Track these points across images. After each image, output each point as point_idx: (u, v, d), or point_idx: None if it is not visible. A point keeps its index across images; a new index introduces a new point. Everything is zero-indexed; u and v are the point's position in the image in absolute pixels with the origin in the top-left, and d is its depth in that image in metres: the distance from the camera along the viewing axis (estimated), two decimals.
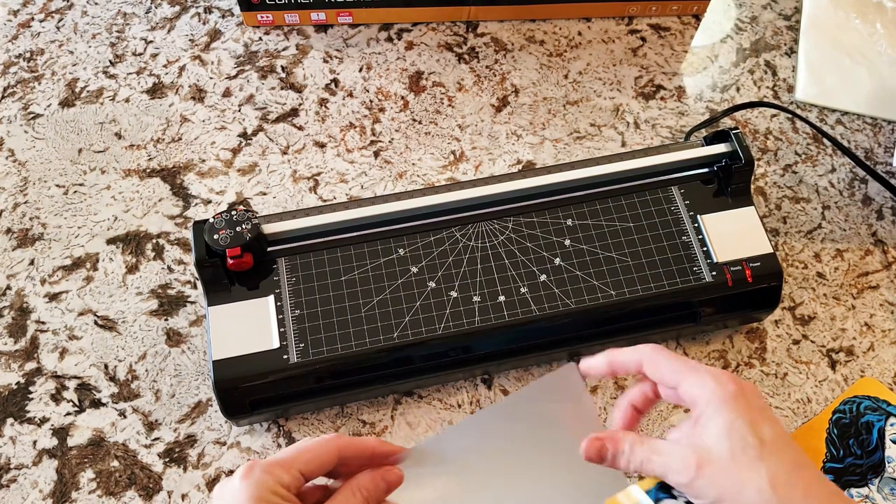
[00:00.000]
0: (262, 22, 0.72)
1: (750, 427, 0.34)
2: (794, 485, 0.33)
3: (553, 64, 0.71)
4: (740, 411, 0.35)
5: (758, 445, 0.34)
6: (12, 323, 0.58)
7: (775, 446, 0.34)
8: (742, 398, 0.35)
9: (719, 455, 0.34)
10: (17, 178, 0.64)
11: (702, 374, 0.36)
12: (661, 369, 0.38)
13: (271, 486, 0.34)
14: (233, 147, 0.66)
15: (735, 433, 0.34)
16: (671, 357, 0.38)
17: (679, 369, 0.37)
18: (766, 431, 0.35)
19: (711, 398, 0.35)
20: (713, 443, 0.34)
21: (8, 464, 0.53)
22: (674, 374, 0.37)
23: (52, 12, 0.73)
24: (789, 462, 0.34)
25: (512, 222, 0.56)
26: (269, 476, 0.34)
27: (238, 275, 0.53)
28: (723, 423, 0.34)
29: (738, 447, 0.34)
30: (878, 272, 0.62)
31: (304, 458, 0.36)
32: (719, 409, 0.35)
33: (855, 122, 0.69)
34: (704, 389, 0.36)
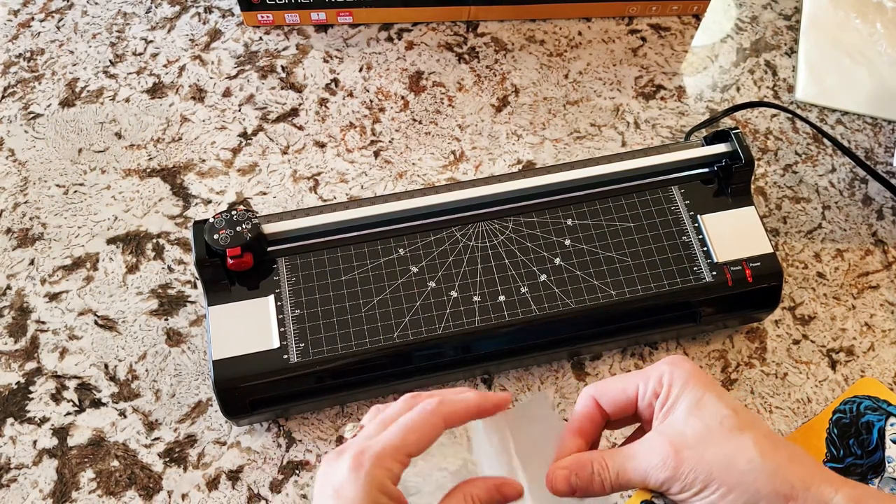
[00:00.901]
0: (263, 22, 0.72)
1: (719, 400, 0.33)
2: (778, 450, 0.32)
3: (553, 64, 0.71)
4: (704, 386, 0.34)
5: (732, 415, 0.33)
6: (12, 323, 0.58)
7: (746, 415, 0.33)
8: (700, 373, 0.34)
9: (695, 435, 0.32)
10: (17, 178, 0.64)
11: (650, 368, 0.35)
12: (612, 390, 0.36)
13: (383, 483, 0.31)
14: (233, 147, 0.66)
15: (706, 409, 0.33)
16: (614, 378, 0.37)
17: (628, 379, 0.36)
18: (732, 402, 0.33)
19: (672, 380, 0.34)
20: (686, 426, 0.33)
21: (8, 464, 0.53)
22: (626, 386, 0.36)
23: (53, 12, 0.73)
24: (764, 428, 0.33)
25: (512, 222, 0.56)
26: (383, 471, 0.31)
27: (238, 275, 0.53)
28: (690, 402, 0.33)
29: (713, 421, 0.32)
30: (879, 272, 0.62)
31: (413, 439, 0.33)
32: (682, 390, 0.34)
33: (855, 121, 0.69)
34: (662, 375, 0.34)
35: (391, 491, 0.32)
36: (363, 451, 0.32)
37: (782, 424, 0.55)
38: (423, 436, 0.33)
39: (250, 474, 0.53)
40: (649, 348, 0.58)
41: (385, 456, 0.32)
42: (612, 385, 0.37)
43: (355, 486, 0.31)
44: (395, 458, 0.32)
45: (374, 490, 0.31)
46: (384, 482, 0.31)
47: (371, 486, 0.31)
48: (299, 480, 0.53)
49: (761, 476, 0.31)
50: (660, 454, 0.33)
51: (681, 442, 0.32)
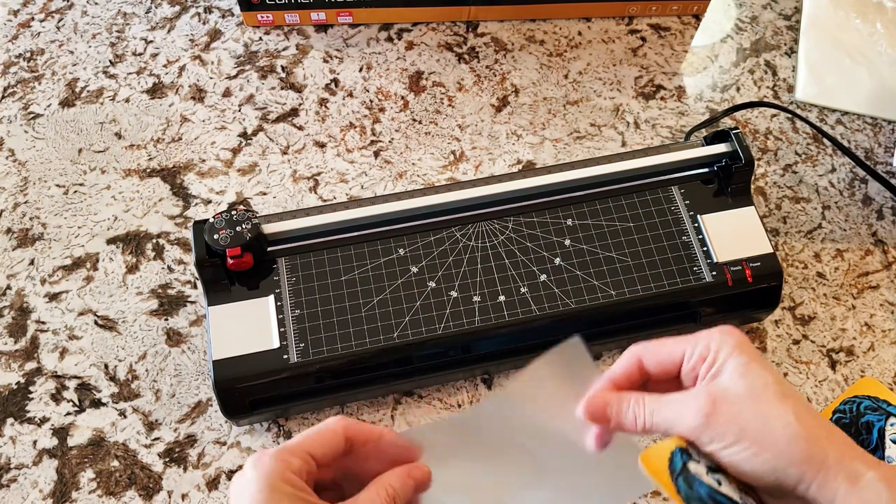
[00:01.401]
0: (262, 22, 0.72)
1: (765, 369, 0.34)
2: (818, 422, 0.32)
3: (553, 64, 0.71)
4: (751, 355, 0.34)
5: (777, 383, 0.33)
6: (12, 323, 0.58)
7: (790, 387, 0.34)
8: (748, 344, 0.35)
9: (736, 393, 0.33)
10: (17, 178, 0.64)
11: (699, 333, 0.36)
12: (659, 353, 0.37)
13: (282, 473, 0.33)
14: (233, 147, 0.66)
15: (752, 373, 0.33)
16: (663, 340, 0.37)
17: (677, 343, 0.36)
18: (777, 374, 0.34)
19: (721, 346, 0.34)
20: (729, 384, 0.33)
21: (8, 464, 0.53)
22: (673, 350, 0.36)
23: (53, 12, 0.73)
24: (806, 402, 0.33)
25: (512, 222, 0.56)
26: (280, 463, 0.34)
27: (238, 275, 0.53)
28: (737, 365, 0.34)
29: (758, 385, 0.33)
30: (879, 272, 0.62)
31: (309, 441, 0.35)
32: (731, 354, 0.34)
33: (855, 121, 0.69)
34: (710, 342, 0.35)
35: (293, 480, 0.34)
36: (262, 454, 0.35)
37: None
38: (322, 437, 0.36)
39: None
40: None
41: (283, 451, 0.35)
42: (659, 346, 0.37)
43: (258, 481, 0.33)
44: (293, 452, 0.35)
45: (276, 479, 0.33)
46: (284, 472, 0.34)
47: (272, 476, 0.33)
48: None
49: (796, 442, 0.32)
50: (697, 403, 0.33)
51: (721, 396, 0.33)
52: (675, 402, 0.34)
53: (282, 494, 0.33)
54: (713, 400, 0.33)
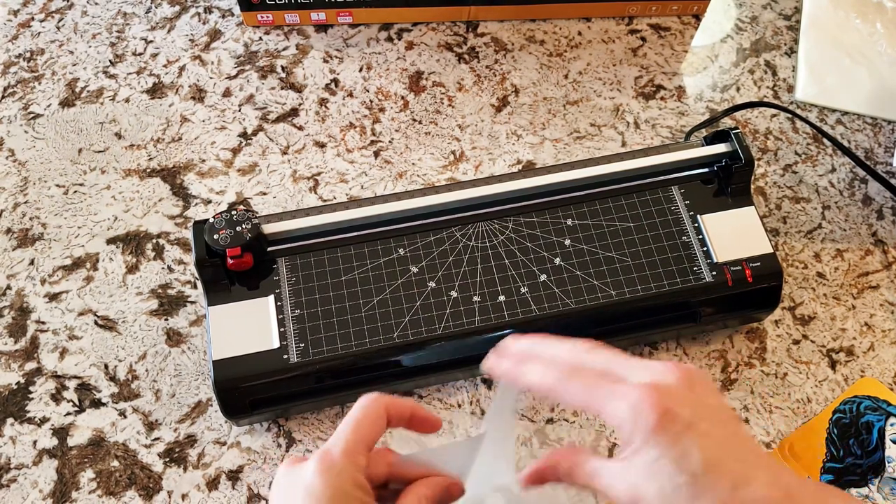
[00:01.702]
0: (262, 22, 0.72)
1: (676, 463, 0.31)
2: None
3: (553, 64, 0.71)
4: (666, 444, 0.31)
5: (689, 483, 0.30)
6: (12, 323, 0.58)
7: (708, 475, 0.31)
8: (666, 423, 0.31)
9: (651, 495, 0.31)
10: (17, 178, 0.64)
11: (616, 400, 0.32)
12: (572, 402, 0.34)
13: (355, 477, 0.32)
14: (233, 147, 0.66)
15: (662, 474, 0.31)
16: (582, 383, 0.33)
17: (591, 397, 0.33)
18: (694, 460, 0.31)
19: (632, 432, 0.31)
20: (642, 482, 0.31)
21: (8, 464, 0.53)
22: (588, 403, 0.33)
23: (53, 12, 0.73)
24: (727, 487, 0.31)
25: (512, 222, 0.56)
26: (353, 465, 0.32)
27: (238, 275, 0.53)
28: (647, 462, 0.31)
29: (667, 489, 0.31)
30: (879, 272, 0.62)
31: (365, 431, 0.34)
32: (643, 445, 0.31)
33: (855, 121, 0.69)
34: (623, 423, 0.32)
35: (363, 483, 0.33)
36: (328, 451, 0.33)
37: (782, 424, 0.55)
38: (374, 425, 0.34)
39: (250, 474, 0.53)
40: (649, 348, 0.58)
41: (351, 451, 0.33)
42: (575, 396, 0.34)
43: (327, 483, 0.31)
44: (360, 451, 0.33)
45: (349, 484, 0.32)
46: (356, 475, 0.32)
47: (345, 480, 0.32)
48: None
49: None
50: (620, 495, 0.32)
51: (638, 497, 0.32)
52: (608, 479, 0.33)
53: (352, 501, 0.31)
54: (632, 497, 0.31)
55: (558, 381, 0.34)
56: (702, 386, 0.33)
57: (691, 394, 0.32)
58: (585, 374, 0.33)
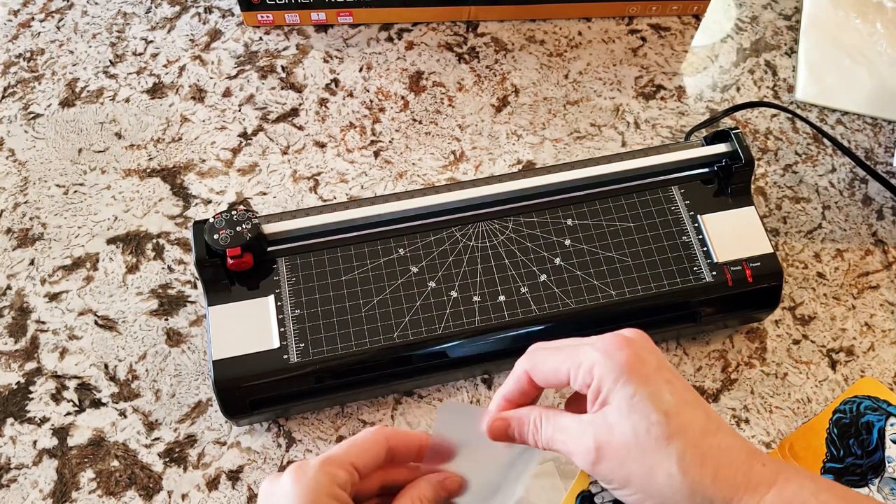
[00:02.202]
0: (263, 22, 0.72)
1: (651, 400, 0.31)
2: (704, 464, 0.31)
3: (553, 64, 0.71)
4: (638, 382, 0.32)
5: (662, 422, 0.31)
6: (12, 323, 0.58)
7: (680, 416, 0.31)
8: (636, 364, 0.32)
9: (622, 436, 0.31)
10: (17, 178, 0.64)
11: (584, 349, 0.33)
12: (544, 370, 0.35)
13: (327, 487, 0.32)
14: (233, 147, 0.66)
15: (636, 411, 0.31)
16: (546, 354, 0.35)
17: (561, 359, 0.34)
18: (667, 399, 0.32)
19: (604, 373, 0.32)
20: (615, 421, 0.32)
21: (8, 464, 0.53)
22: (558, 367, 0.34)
23: (53, 12, 0.73)
24: (697, 431, 0.31)
25: (512, 222, 0.56)
26: (325, 476, 0.32)
27: (238, 275, 0.53)
28: (621, 400, 0.32)
29: (641, 427, 0.31)
30: (879, 272, 0.62)
31: (355, 451, 0.34)
32: (615, 384, 0.32)
33: (855, 122, 0.69)
34: (594, 366, 0.32)
35: (338, 494, 0.32)
36: (304, 464, 0.33)
37: (782, 424, 0.55)
38: (366, 449, 0.35)
39: (250, 474, 0.53)
40: None
41: (328, 462, 0.33)
42: (546, 363, 0.35)
43: (301, 495, 0.32)
44: (338, 464, 0.33)
45: (321, 494, 0.32)
46: (330, 486, 0.32)
47: (317, 490, 0.32)
48: None
49: (679, 492, 0.31)
50: (585, 445, 0.32)
51: (605, 442, 0.32)
52: (568, 432, 0.33)
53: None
54: (598, 445, 0.32)
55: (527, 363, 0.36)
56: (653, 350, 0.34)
57: (651, 345, 0.34)
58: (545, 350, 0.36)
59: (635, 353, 0.33)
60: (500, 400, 0.38)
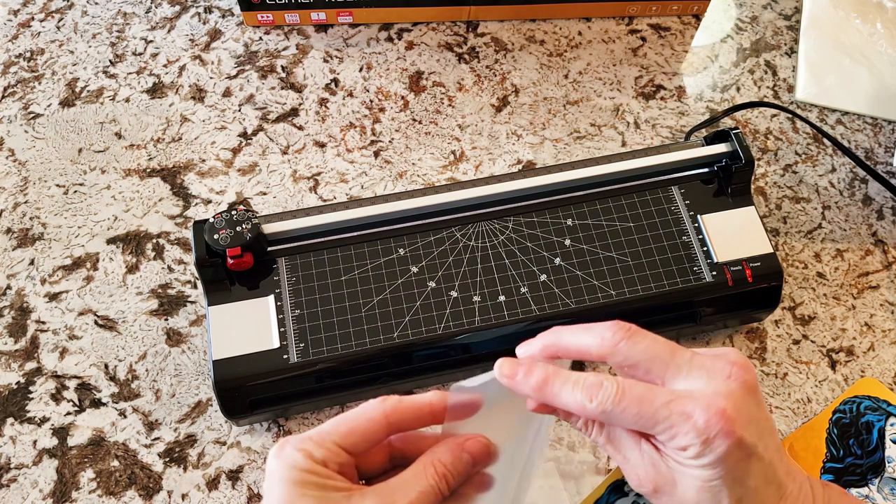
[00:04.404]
0: (263, 22, 0.72)
1: (729, 489, 0.30)
2: None
3: (553, 64, 0.71)
4: (724, 468, 0.30)
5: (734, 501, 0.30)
6: (12, 323, 0.58)
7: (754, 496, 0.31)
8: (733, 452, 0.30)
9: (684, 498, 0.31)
10: (17, 178, 0.64)
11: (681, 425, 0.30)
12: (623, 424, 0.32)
13: (302, 464, 0.31)
14: (233, 147, 0.66)
15: (708, 491, 0.30)
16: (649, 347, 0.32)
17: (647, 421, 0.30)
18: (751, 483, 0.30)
19: (694, 439, 0.30)
20: (684, 485, 0.31)
21: (8, 463, 0.53)
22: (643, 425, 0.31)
23: (53, 12, 0.73)
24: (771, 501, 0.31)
25: (512, 222, 0.56)
26: (299, 453, 0.32)
27: (238, 275, 0.53)
28: (701, 477, 0.30)
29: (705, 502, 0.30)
30: (879, 272, 0.62)
31: (341, 430, 0.33)
32: (700, 455, 0.30)
33: (855, 122, 0.69)
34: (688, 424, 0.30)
35: (317, 469, 0.32)
36: (285, 442, 0.33)
37: (782, 424, 0.55)
38: (356, 427, 0.33)
39: (250, 474, 0.53)
40: None
41: (305, 440, 0.32)
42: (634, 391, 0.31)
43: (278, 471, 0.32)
44: (317, 442, 0.32)
45: (296, 470, 0.31)
46: (305, 462, 0.32)
47: (291, 466, 0.32)
48: None
49: None
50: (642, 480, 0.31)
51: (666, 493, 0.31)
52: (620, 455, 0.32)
53: (303, 486, 0.31)
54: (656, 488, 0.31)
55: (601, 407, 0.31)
56: (757, 393, 0.31)
57: (755, 410, 0.31)
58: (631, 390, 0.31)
59: (738, 439, 0.29)
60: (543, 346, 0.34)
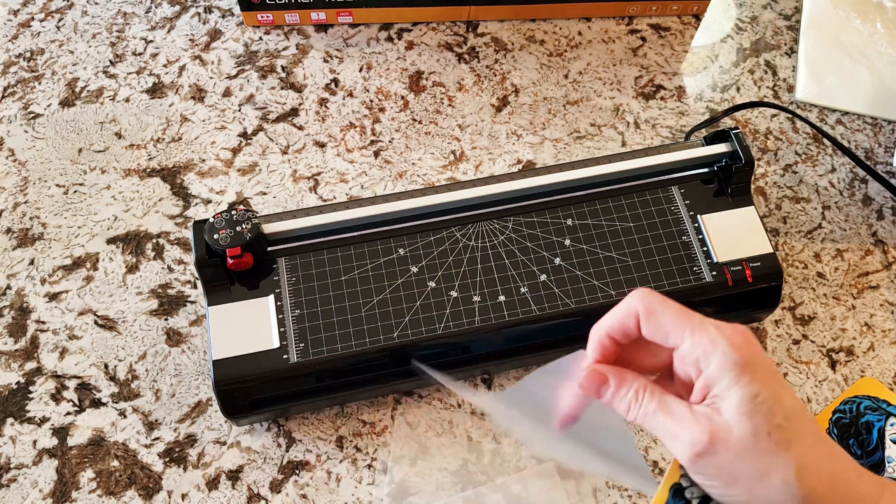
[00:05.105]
0: (263, 22, 0.72)
1: (774, 402, 0.30)
2: (818, 472, 0.30)
3: (553, 64, 0.71)
4: (762, 382, 0.30)
5: (785, 426, 0.30)
6: (12, 323, 0.58)
7: (798, 422, 0.30)
8: (760, 363, 0.31)
9: (740, 435, 0.30)
10: (17, 178, 0.64)
11: (709, 328, 0.31)
12: (662, 321, 0.32)
13: None
14: (233, 147, 0.66)
15: (759, 411, 0.30)
16: (668, 307, 0.32)
17: (684, 323, 0.32)
18: (788, 403, 0.30)
19: (726, 366, 0.30)
20: (733, 419, 0.30)
21: (8, 463, 0.53)
22: (678, 329, 0.32)
23: (53, 12, 0.73)
24: (812, 439, 0.31)
25: (512, 222, 0.56)
26: None
27: (238, 274, 0.53)
28: (743, 397, 0.30)
29: (762, 429, 0.30)
30: (879, 272, 0.62)
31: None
32: (737, 380, 0.30)
33: (855, 121, 0.69)
34: (716, 354, 0.31)
35: None
36: None
37: None
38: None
39: (250, 474, 0.53)
40: None
41: None
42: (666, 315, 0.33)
43: None
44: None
45: None
46: None
47: None
48: (299, 480, 0.53)
49: (790, 500, 0.30)
50: (693, 434, 0.31)
51: (721, 437, 0.30)
52: (676, 415, 0.32)
53: None
54: (711, 438, 0.30)
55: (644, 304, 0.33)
56: None
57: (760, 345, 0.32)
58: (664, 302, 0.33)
59: (759, 351, 0.31)
60: (598, 342, 0.35)
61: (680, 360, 0.33)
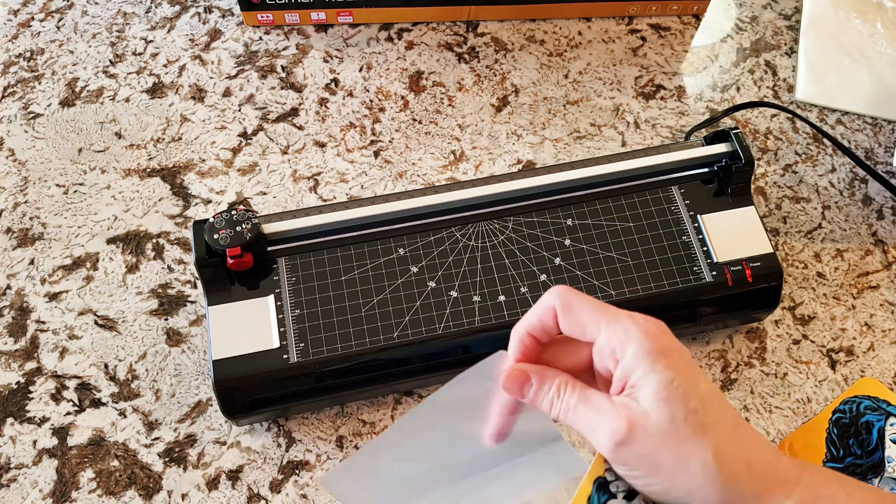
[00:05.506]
0: (263, 21, 0.72)
1: (689, 388, 0.30)
2: (736, 455, 0.30)
3: (553, 64, 0.71)
4: (677, 368, 0.31)
5: (700, 410, 0.30)
6: (12, 322, 0.58)
7: (715, 407, 0.31)
8: (674, 351, 0.31)
9: (658, 421, 0.30)
10: (17, 178, 0.64)
11: (624, 319, 0.32)
12: (579, 315, 0.33)
13: None
14: (233, 147, 0.66)
15: (675, 397, 0.30)
16: (584, 301, 0.33)
17: (599, 315, 0.32)
18: (703, 388, 0.31)
19: (641, 355, 0.31)
20: (650, 406, 0.30)
21: (8, 463, 0.53)
22: (593, 322, 0.32)
23: (53, 12, 0.73)
24: (729, 424, 0.31)
25: (512, 222, 0.56)
26: None
27: (238, 274, 0.53)
28: (660, 383, 0.30)
29: (679, 414, 0.30)
30: (879, 272, 0.62)
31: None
32: (652, 367, 0.31)
33: (855, 121, 0.69)
34: (630, 343, 0.31)
35: None
36: None
37: (782, 424, 0.55)
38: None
39: (250, 474, 0.53)
40: None
41: None
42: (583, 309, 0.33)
43: None
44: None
45: None
46: None
47: None
48: (299, 480, 0.53)
49: (711, 484, 0.30)
50: (615, 425, 0.31)
51: (640, 425, 0.30)
52: (595, 407, 0.32)
53: None
54: (630, 426, 0.30)
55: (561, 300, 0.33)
56: None
57: None
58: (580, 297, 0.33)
59: (673, 339, 0.32)
60: (519, 341, 0.35)
61: (598, 353, 0.33)
